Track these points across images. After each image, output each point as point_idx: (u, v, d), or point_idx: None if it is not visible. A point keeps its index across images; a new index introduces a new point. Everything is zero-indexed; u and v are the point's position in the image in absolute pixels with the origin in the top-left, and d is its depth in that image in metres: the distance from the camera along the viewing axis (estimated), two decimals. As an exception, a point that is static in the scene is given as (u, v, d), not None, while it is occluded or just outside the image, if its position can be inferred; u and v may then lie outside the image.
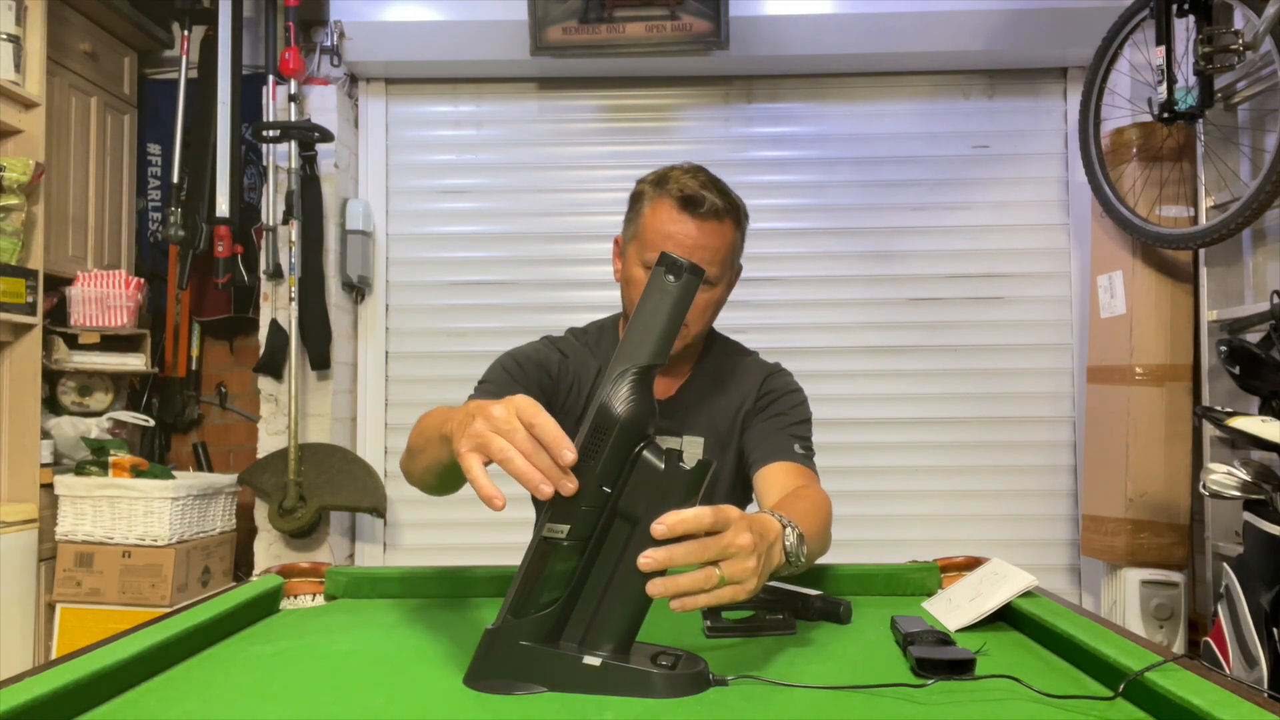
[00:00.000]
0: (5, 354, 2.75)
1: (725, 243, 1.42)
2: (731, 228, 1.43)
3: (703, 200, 1.38)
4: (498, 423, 0.85)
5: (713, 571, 0.85)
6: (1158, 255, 2.74)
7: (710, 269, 1.39)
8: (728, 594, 0.86)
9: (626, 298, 1.50)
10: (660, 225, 1.40)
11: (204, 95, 3.20)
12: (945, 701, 0.84)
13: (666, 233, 1.39)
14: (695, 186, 1.39)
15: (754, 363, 1.60)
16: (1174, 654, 0.86)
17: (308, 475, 3.00)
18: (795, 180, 3.40)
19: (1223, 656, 1.98)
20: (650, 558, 0.83)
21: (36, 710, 0.77)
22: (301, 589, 1.28)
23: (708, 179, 1.43)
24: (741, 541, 0.86)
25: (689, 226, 1.39)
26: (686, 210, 1.39)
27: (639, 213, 1.45)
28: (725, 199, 1.42)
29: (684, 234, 1.38)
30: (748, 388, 1.55)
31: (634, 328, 0.89)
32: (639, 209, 1.45)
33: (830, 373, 3.33)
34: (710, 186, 1.41)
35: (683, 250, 1.37)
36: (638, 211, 1.45)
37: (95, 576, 2.78)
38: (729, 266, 1.46)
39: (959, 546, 1.48)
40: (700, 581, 0.85)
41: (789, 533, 1.01)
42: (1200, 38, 2.32)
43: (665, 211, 1.40)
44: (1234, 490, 1.97)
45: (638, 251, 1.44)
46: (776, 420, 1.51)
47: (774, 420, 1.51)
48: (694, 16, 3.05)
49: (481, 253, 3.42)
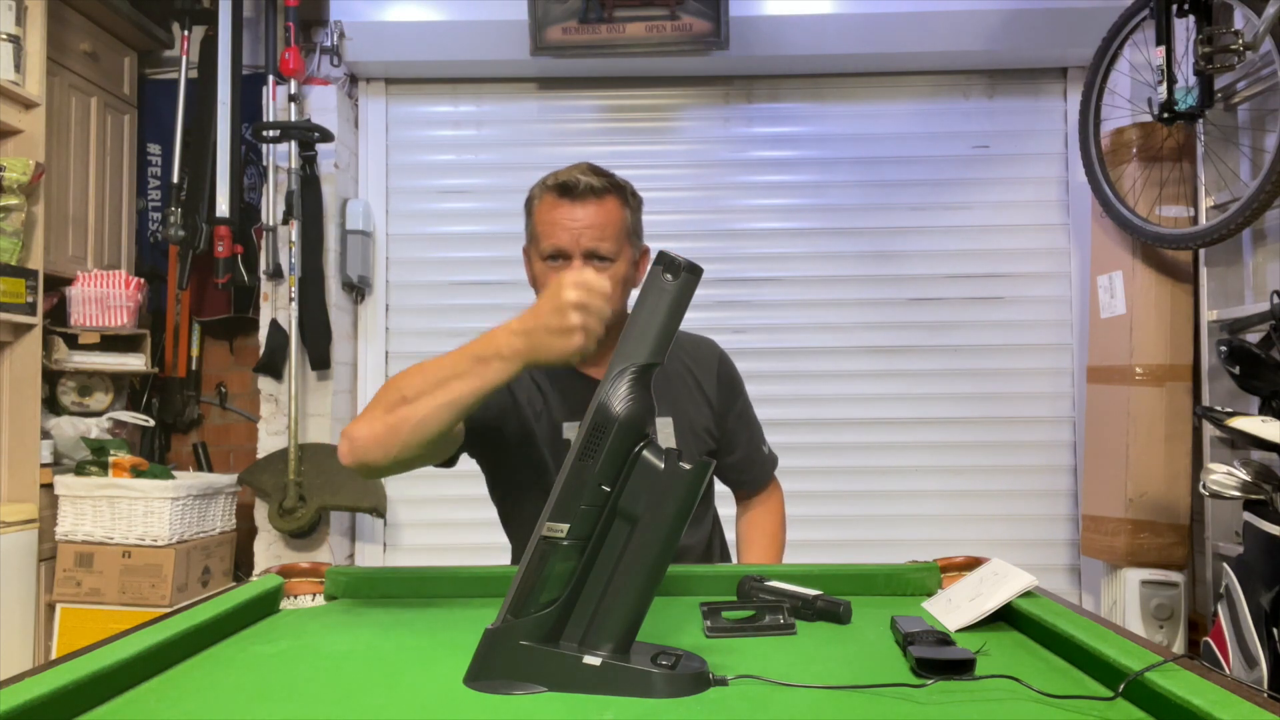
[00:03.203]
0: (5, 354, 2.75)
1: (612, 219, 1.46)
2: (617, 204, 1.48)
3: (577, 182, 1.44)
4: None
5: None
6: (1158, 255, 2.74)
7: (602, 245, 1.44)
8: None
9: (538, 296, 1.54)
10: (546, 215, 1.46)
11: (204, 95, 3.20)
12: (945, 701, 0.84)
13: (552, 220, 1.45)
14: (572, 174, 1.46)
15: (693, 341, 1.67)
16: (1174, 654, 0.86)
17: (308, 475, 3.00)
18: (795, 180, 3.40)
19: (1223, 656, 1.98)
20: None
21: (36, 710, 0.77)
22: (301, 589, 1.28)
23: (588, 167, 1.49)
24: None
25: (572, 210, 1.44)
26: (565, 196, 1.45)
27: (530, 214, 1.52)
28: (603, 179, 1.47)
29: (569, 218, 1.44)
30: (703, 371, 1.63)
31: (632, 327, 0.89)
32: (530, 211, 1.52)
33: (830, 373, 3.33)
34: (588, 172, 1.47)
35: (570, 234, 1.43)
36: (529, 213, 1.52)
37: (95, 576, 2.78)
38: (625, 243, 1.49)
39: (959, 546, 1.48)
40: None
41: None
42: (1200, 38, 2.31)
43: (548, 203, 1.47)
44: (1234, 490, 1.97)
45: (534, 248, 1.50)
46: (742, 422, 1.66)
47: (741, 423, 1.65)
48: (694, 16, 3.05)
49: (481, 253, 3.41)
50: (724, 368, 1.66)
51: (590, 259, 1.44)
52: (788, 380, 3.31)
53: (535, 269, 1.53)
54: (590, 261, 1.43)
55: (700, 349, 1.66)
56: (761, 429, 1.72)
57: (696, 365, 1.63)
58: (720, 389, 1.63)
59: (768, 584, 1.22)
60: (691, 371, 1.62)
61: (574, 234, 1.44)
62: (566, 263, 1.45)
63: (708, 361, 1.65)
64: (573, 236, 1.44)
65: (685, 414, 1.58)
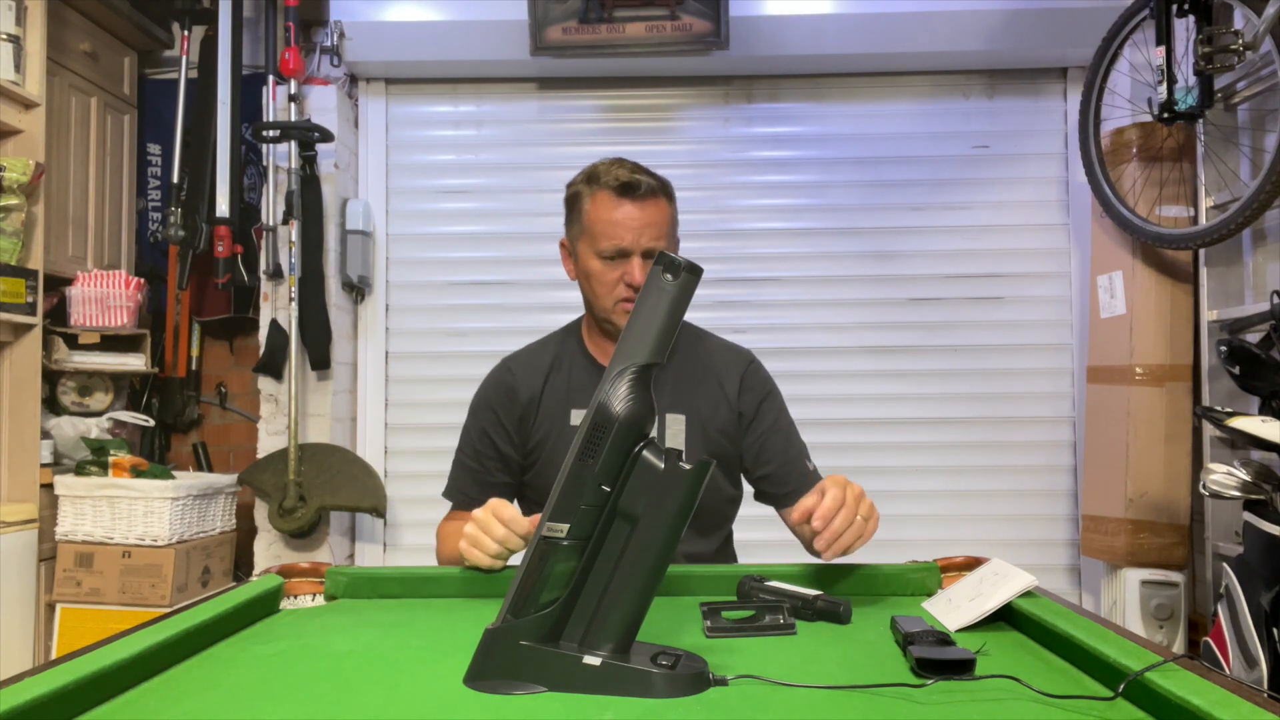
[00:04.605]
0: (5, 354, 2.75)
1: (665, 217, 1.53)
2: (666, 203, 1.54)
3: (638, 184, 1.50)
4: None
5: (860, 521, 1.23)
6: (1158, 255, 2.74)
7: (658, 243, 1.50)
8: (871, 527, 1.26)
9: (589, 292, 1.59)
10: (606, 215, 1.50)
11: (204, 95, 3.20)
12: (945, 701, 0.84)
13: (613, 220, 1.50)
14: (627, 174, 1.51)
15: (724, 347, 1.70)
16: (1174, 654, 0.86)
17: (308, 475, 3.00)
18: (795, 180, 3.40)
19: (1223, 656, 1.98)
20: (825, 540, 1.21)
21: (36, 710, 0.77)
22: (301, 589, 1.28)
23: (634, 165, 1.54)
24: (857, 490, 1.25)
25: (631, 210, 1.49)
26: (626, 196, 1.50)
27: (581, 211, 1.55)
28: (654, 178, 1.53)
29: (629, 218, 1.49)
30: (726, 374, 1.64)
31: (632, 327, 0.89)
32: (579, 208, 1.56)
33: (830, 373, 3.33)
34: (640, 170, 1.53)
35: (631, 233, 1.49)
36: (579, 210, 1.56)
37: (95, 576, 2.78)
38: (672, 239, 1.58)
39: (959, 546, 1.48)
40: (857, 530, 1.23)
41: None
42: (1200, 38, 2.31)
43: (606, 202, 1.51)
44: (1234, 490, 1.97)
45: (590, 245, 1.53)
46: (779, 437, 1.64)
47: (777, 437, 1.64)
48: (694, 16, 3.05)
49: (481, 253, 3.41)
50: (752, 372, 1.66)
51: (647, 256, 1.49)
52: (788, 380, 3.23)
53: (589, 266, 1.55)
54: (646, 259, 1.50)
55: (731, 353, 1.68)
56: (806, 448, 1.68)
57: (722, 367, 1.64)
58: (744, 393, 1.63)
59: (768, 584, 1.22)
60: (714, 372, 1.63)
61: (636, 233, 1.49)
62: (626, 260, 1.50)
63: (735, 365, 1.66)
64: (635, 236, 1.49)
65: (699, 412, 1.59)
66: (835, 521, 1.20)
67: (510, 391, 1.62)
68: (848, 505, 1.22)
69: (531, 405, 1.61)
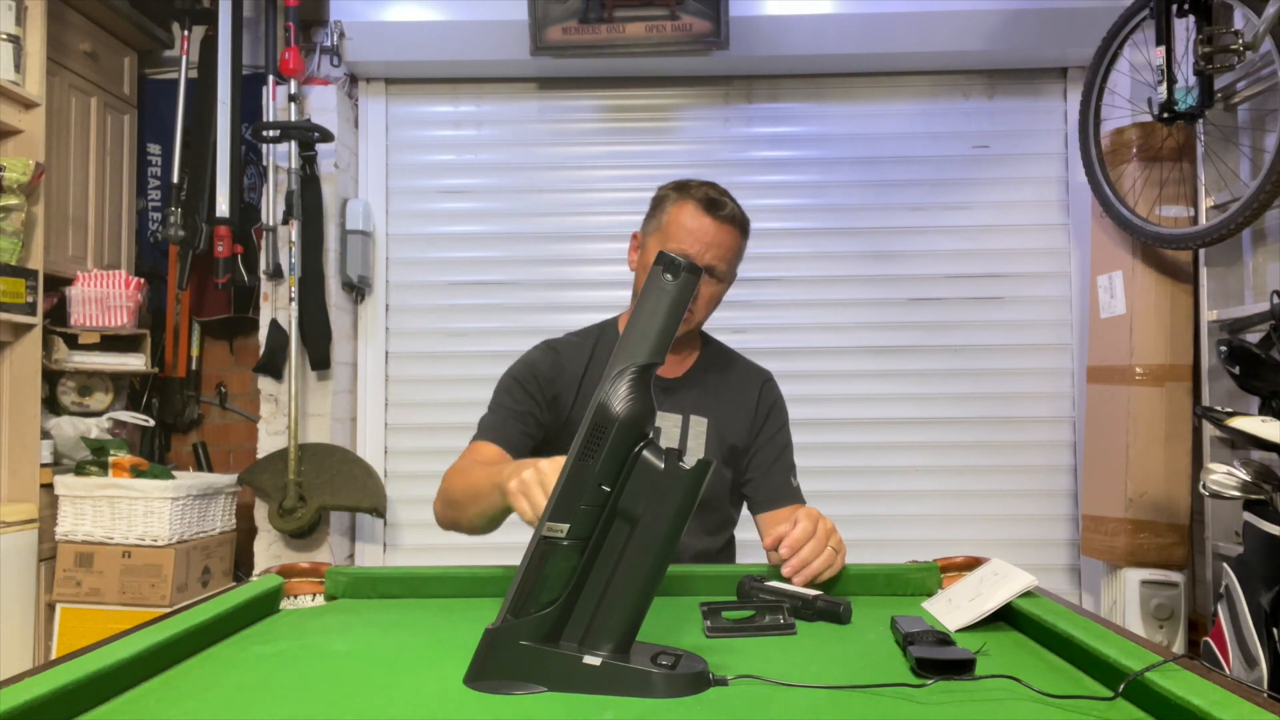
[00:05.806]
0: (5, 354, 2.75)
1: (735, 244, 1.62)
2: (739, 235, 1.63)
3: (724, 204, 1.59)
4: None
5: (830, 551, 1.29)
6: (1158, 255, 2.74)
7: (720, 265, 1.59)
8: (840, 559, 1.31)
9: (640, 285, 1.63)
10: (685, 221, 1.58)
11: (204, 95, 3.20)
12: (945, 701, 0.84)
13: (690, 228, 1.57)
14: (716, 194, 1.60)
15: (747, 364, 1.80)
16: (1174, 654, 0.86)
17: (308, 475, 3.00)
18: (795, 180, 3.40)
19: (1223, 656, 1.98)
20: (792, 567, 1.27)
21: (36, 710, 0.77)
22: (301, 589, 1.28)
23: (724, 190, 1.63)
24: (829, 525, 1.33)
25: (709, 224, 1.57)
26: (709, 211, 1.58)
27: (663, 210, 1.62)
28: (738, 208, 1.62)
29: (703, 230, 1.57)
30: (749, 389, 1.74)
31: (633, 327, 0.90)
32: (663, 208, 1.63)
33: (830, 373, 3.33)
34: (727, 196, 1.62)
35: (700, 245, 1.57)
36: (661, 210, 1.63)
37: (95, 576, 2.78)
38: (733, 269, 1.65)
39: (959, 546, 1.48)
40: (827, 559, 1.28)
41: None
42: (1200, 38, 2.31)
43: (690, 210, 1.59)
44: (1234, 490, 1.97)
45: (659, 242, 1.60)
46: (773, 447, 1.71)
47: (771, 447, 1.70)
48: (694, 16, 3.05)
49: (481, 253, 3.41)
50: (768, 387, 1.76)
51: (709, 273, 1.58)
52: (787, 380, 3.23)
53: (649, 258, 1.61)
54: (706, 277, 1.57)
55: (752, 371, 1.78)
56: (795, 468, 1.72)
57: (743, 382, 1.74)
58: (758, 412, 1.72)
59: (768, 584, 1.22)
60: (739, 385, 1.73)
61: (705, 247, 1.57)
62: None
63: (755, 378, 1.75)
64: (703, 249, 1.56)
65: (720, 421, 1.67)
66: (804, 550, 1.28)
67: (555, 366, 1.66)
68: (817, 536, 1.29)
69: (572, 385, 1.65)
